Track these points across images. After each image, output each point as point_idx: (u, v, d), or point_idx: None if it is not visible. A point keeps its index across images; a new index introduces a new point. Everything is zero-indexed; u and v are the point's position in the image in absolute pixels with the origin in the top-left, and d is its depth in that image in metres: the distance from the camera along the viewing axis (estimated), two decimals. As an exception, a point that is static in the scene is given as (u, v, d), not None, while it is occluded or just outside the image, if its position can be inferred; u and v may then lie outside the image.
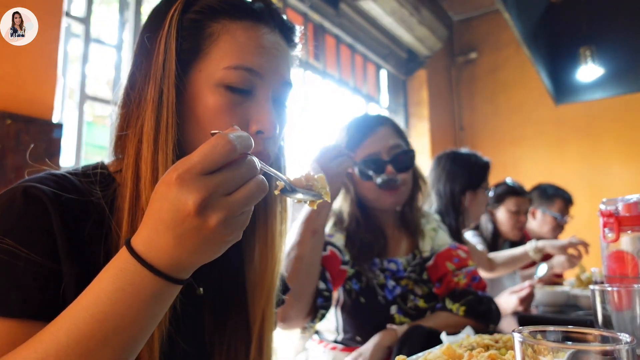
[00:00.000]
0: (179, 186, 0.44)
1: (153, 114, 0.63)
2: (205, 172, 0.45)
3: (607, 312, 0.72)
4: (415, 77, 4.61)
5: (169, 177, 0.45)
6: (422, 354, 0.78)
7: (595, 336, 0.44)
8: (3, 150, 1.47)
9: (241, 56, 0.65)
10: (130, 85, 0.69)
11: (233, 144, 0.46)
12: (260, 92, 0.68)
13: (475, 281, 1.33)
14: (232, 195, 0.47)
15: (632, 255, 0.87)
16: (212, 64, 0.66)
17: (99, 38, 2.23)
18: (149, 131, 0.63)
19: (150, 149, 0.62)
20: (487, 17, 4.89)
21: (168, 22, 0.65)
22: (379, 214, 1.36)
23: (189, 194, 0.44)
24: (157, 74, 0.64)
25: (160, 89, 0.64)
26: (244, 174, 0.48)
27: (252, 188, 0.48)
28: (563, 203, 2.82)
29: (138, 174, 0.63)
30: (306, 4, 3.36)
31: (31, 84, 1.61)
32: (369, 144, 1.30)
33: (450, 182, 1.98)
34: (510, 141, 4.76)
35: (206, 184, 0.45)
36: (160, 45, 0.65)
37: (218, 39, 0.66)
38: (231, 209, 0.46)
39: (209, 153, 0.45)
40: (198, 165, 0.45)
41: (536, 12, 3.78)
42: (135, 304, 0.47)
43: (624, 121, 4.29)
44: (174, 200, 0.45)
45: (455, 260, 1.35)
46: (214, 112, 0.65)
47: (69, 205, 0.61)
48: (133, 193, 0.63)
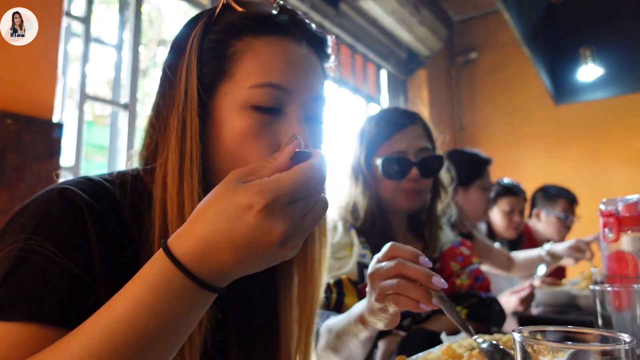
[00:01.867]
0: (265, 215, 0.42)
1: (177, 145, 0.61)
2: (293, 201, 0.44)
3: (607, 312, 0.72)
4: (415, 77, 4.62)
5: (250, 200, 0.43)
6: (422, 354, 0.79)
7: (595, 336, 0.44)
8: (3, 150, 1.47)
9: (266, 73, 0.61)
10: (155, 115, 0.67)
11: (324, 177, 0.45)
12: (290, 109, 0.63)
13: (478, 281, 1.30)
14: (304, 219, 0.46)
15: (632, 256, 0.87)
16: (237, 85, 0.62)
17: (99, 38, 2.23)
18: (173, 163, 0.61)
19: (175, 183, 0.60)
20: (487, 17, 4.89)
21: (188, 48, 0.63)
22: (391, 215, 1.31)
23: (274, 223, 0.43)
24: (179, 104, 0.62)
25: (183, 119, 0.61)
26: (316, 196, 0.47)
27: (319, 210, 0.47)
28: (567, 203, 2.79)
29: (165, 208, 0.61)
30: (306, 4, 3.36)
31: (31, 83, 1.61)
32: (397, 141, 1.24)
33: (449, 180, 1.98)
34: (510, 141, 4.76)
35: (291, 214, 0.44)
36: (182, 72, 0.63)
37: (242, 57, 0.62)
38: (304, 233, 0.46)
39: (303, 184, 0.43)
40: (289, 195, 0.43)
41: (536, 12, 3.78)
42: (177, 316, 0.46)
43: (624, 121, 4.29)
44: (256, 227, 0.43)
45: (460, 259, 1.32)
46: (242, 136, 0.61)
47: (104, 215, 0.59)
48: (162, 229, 0.61)
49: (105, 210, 0.60)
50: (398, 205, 1.26)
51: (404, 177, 1.22)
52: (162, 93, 0.67)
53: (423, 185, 1.25)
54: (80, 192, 0.58)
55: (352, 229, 1.27)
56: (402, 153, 1.23)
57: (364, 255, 1.22)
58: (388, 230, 1.29)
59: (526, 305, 1.73)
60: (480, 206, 1.99)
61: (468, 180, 1.96)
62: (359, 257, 1.21)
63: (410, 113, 1.34)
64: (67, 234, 0.56)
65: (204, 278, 0.45)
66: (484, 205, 2.00)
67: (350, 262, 1.20)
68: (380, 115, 1.33)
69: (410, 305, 0.71)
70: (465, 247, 1.36)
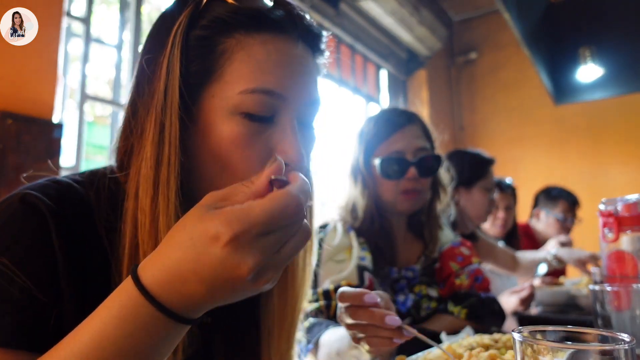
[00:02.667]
0: (233, 248, 0.38)
1: (153, 151, 0.54)
2: (266, 233, 0.39)
3: (606, 312, 0.72)
4: (415, 77, 4.62)
5: (217, 230, 0.38)
6: (422, 354, 0.79)
7: (594, 336, 0.44)
8: (4, 150, 1.47)
9: (259, 77, 0.55)
10: (131, 113, 0.59)
11: (302, 206, 0.40)
12: (283, 116, 0.57)
13: (478, 281, 1.30)
14: (281, 252, 0.41)
15: (632, 255, 0.87)
16: (226, 87, 0.55)
17: (99, 38, 2.23)
18: (147, 172, 0.54)
19: (149, 194, 0.54)
20: (487, 17, 4.89)
21: (171, 41, 0.56)
22: (391, 215, 1.31)
23: (243, 257, 0.39)
24: (157, 104, 0.55)
25: (161, 122, 0.54)
26: (295, 226, 0.42)
27: (298, 241, 0.43)
28: (567, 204, 2.78)
29: (136, 222, 0.55)
30: (306, 4, 3.36)
31: (32, 83, 1.61)
32: (395, 141, 1.24)
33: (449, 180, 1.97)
34: (509, 141, 4.77)
35: (263, 247, 0.39)
36: (162, 68, 0.55)
37: (232, 57, 0.55)
38: (279, 266, 0.42)
39: (277, 215, 0.39)
40: (260, 227, 0.39)
41: (536, 12, 3.78)
42: (145, 349, 0.42)
43: (623, 121, 4.29)
44: (223, 260, 0.39)
45: (459, 259, 1.32)
46: (230, 144, 0.55)
47: (71, 221, 0.54)
48: (132, 245, 0.55)
49: (72, 215, 0.55)
50: (398, 206, 1.26)
51: (402, 177, 1.22)
52: (138, 89, 0.59)
53: (422, 185, 1.25)
54: (45, 197, 0.53)
55: (352, 231, 1.27)
56: (400, 153, 1.23)
57: (363, 257, 1.22)
58: (387, 230, 1.29)
59: (526, 306, 1.73)
60: (482, 207, 1.97)
61: (470, 180, 1.95)
62: (359, 260, 1.21)
63: (409, 113, 1.34)
64: (28, 248, 0.51)
65: (173, 308, 0.41)
66: (486, 206, 1.98)
67: (349, 265, 1.19)
68: (379, 116, 1.33)
69: (384, 343, 0.72)
70: (465, 247, 1.36)
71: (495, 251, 2.06)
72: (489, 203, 1.98)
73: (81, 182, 0.60)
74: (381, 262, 1.23)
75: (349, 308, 0.74)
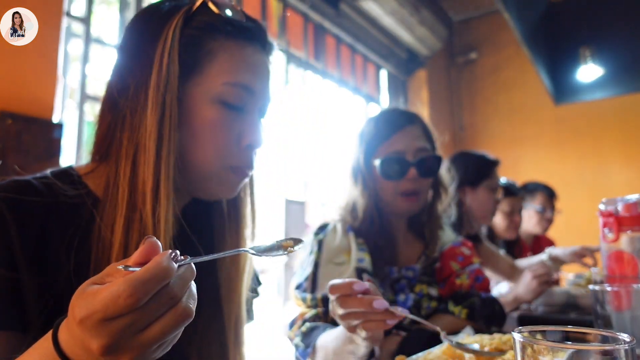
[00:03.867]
0: (82, 329, 0.41)
1: (155, 123, 0.63)
2: (108, 318, 0.40)
3: (606, 312, 0.72)
4: (415, 77, 4.62)
5: (73, 310, 0.42)
6: (422, 354, 0.79)
7: (595, 336, 0.44)
8: (4, 150, 1.47)
9: (238, 74, 0.69)
10: (120, 89, 0.67)
11: (137, 295, 0.40)
12: (250, 108, 0.72)
13: (478, 281, 1.30)
14: (144, 333, 0.42)
15: (632, 256, 0.87)
16: (209, 79, 0.68)
17: (99, 38, 2.23)
18: (149, 142, 0.63)
19: (152, 158, 0.63)
20: (487, 17, 4.89)
21: (171, 34, 0.66)
22: (391, 215, 1.31)
23: (91, 338, 0.41)
24: (159, 85, 0.64)
25: (162, 100, 0.64)
26: (160, 308, 0.42)
27: (168, 321, 0.43)
28: (544, 196, 2.87)
29: (134, 180, 0.63)
30: (306, 4, 3.36)
31: (32, 83, 1.61)
32: (395, 141, 1.24)
33: (449, 180, 1.98)
34: (510, 141, 4.77)
35: (110, 330, 0.41)
36: (164, 56, 0.65)
37: (216, 55, 0.68)
38: (143, 346, 0.43)
39: (110, 304, 0.40)
40: (99, 314, 0.40)
41: (536, 12, 3.78)
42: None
43: (623, 121, 4.29)
44: (80, 340, 0.42)
45: (460, 259, 1.32)
46: (210, 126, 0.68)
47: (28, 211, 0.61)
48: (129, 198, 0.63)
49: (30, 205, 0.62)
50: (398, 207, 1.26)
51: (403, 177, 1.22)
52: (130, 68, 0.68)
53: (422, 185, 1.24)
54: (1, 193, 0.61)
55: (351, 232, 1.26)
56: (400, 153, 1.23)
57: (362, 259, 1.21)
58: (387, 230, 1.29)
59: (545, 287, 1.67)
60: (488, 207, 1.97)
61: (476, 180, 1.95)
62: (357, 262, 1.20)
63: (409, 114, 1.33)
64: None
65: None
66: (492, 206, 1.98)
67: (349, 268, 1.19)
68: (379, 116, 1.32)
69: (379, 326, 0.75)
70: (465, 247, 1.36)
71: (496, 257, 2.07)
72: (494, 203, 1.98)
73: (40, 177, 0.68)
74: (381, 262, 1.23)
75: (339, 298, 0.76)
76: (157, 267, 0.41)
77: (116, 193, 0.64)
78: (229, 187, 0.73)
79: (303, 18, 3.46)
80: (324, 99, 3.60)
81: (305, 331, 1.07)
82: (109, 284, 0.41)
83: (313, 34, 3.59)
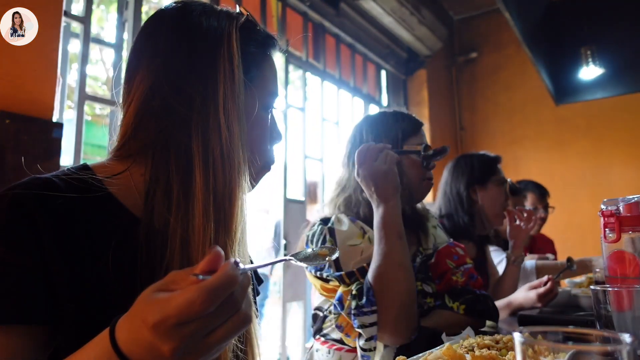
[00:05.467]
0: (153, 333, 0.44)
1: (235, 135, 0.69)
2: (181, 323, 0.43)
3: (608, 313, 0.72)
4: (416, 77, 4.61)
5: (144, 316, 0.44)
6: (422, 355, 0.78)
7: (596, 336, 0.44)
8: (2, 150, 1.47)
9: (275, 85, 0.82)
10: (177, 99, 0.69)
11: (210, 302, 0.44)
12: (274, 111, 0.84)
13: (472, 279, 1.34)
14: (210, 337, 0.46)
15: (633, 256, 0.87)
16: (261, 89, 0.78)
17: (98, 37, 2.23)
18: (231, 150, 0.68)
19: (235, 164, 0.69)
20: (488, 16, 4.89)
21: (234, 45, 0.72)
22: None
23: (163, 343, 0.44)
24: (228, 85, 0.70)
25: (238, 105, 0.70)
26: (225, 313, 0.46)
27: (231, 326, 0.47)
28: (535, 196, 2.88)
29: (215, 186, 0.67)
30: (306, 4, 3.36)
31: (30, 83, 1.61)
32: (421, 136, 1.37)
33: (454, 182, 1.97)
34: (510, 141, 4.76)
35: (181, 334, 0.44)
36: (225, 61, 0.71)
37: (261, 68, 0.79)
38: (209, 349, 0.46)
39: (184, 310, 0.43)
40: (173, 319, 0.43)
41: (537, 11, 3.78)
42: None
43: (624, 121, 4.29)
44: (150, 340, 0.44)
45: (455, 258, 1.36)
46: (262, 133, 0.79)
47: (54, 206, 0.62)
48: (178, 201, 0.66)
49: (55, 201, 0.63)
50: (422, 192, 1.37)
51: (431, 167, 1.35)
52: (188, 82, 0.69)
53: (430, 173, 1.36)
54: (27, 191, 0.62)
55: (357, 220, 1.30)
56: (427, 145, 1.35)
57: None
58: None
59: (546, 302, 1.68)
60: (500, 202, 1.96)
61: (484, 177, 1.95)
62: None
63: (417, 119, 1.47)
64: (15, 233, 0.59)
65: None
66: (503, 200, 1.97)
67: (368, 247, 1.22)
68: (397, 115, 1.40)
69: None
70: (459, 248, 1.41)
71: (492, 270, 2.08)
72: (506, 197, 1.98)
73: (59, 174, 0.68)
74: None
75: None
76: (227, 275, 0.45)
77: (181, 198, 0.66)
78: (257, 182, 0.81)
79: (303, 17, 3.45)
80: (323, 99, 3.60)
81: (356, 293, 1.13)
82: (183, 291, 0.44)
83: (313, 34, 3.59)
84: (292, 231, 3.01)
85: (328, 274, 1.20)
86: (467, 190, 1.94)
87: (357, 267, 1.19)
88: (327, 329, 1.32)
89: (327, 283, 1.21)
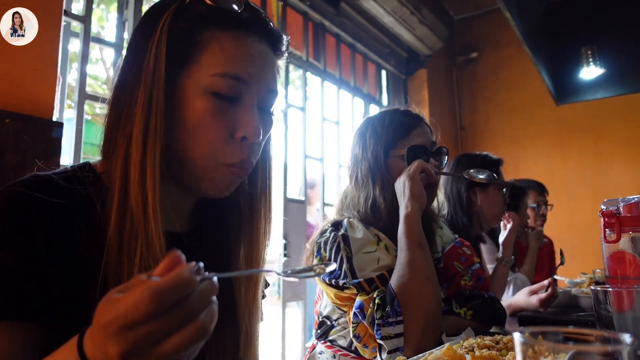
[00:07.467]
0: (103, 334, 0.43)
1: (142, 117, 0.65)
2: (128, 326, 0.42)
3: (608, 313, 0.72)
4: (416, 77, 4.61)
5: (97, 317, 0.43)
6: (422, 355, 0.78)
7: (596, 337, 0.44)
8: (2, 150, 1.47)
9: (228, 64, 0.68)
10: (120, 86, 0.71)
11: (157, 303, 0.41)
12: (246, 99, 0.70)
13: (480, 282, 1.32)
14: (161, 345, 0.43)
15: (634, 256, 0.86)
16: (200, 70, 0.67)
17: (98, 37, 2.23)
18: (137, 134, 0.65)
19: (139, 151, 0.64)
20: (488, 16, 4.88)
21: (160, 28, 0.67)
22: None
23: (111, 344, 0.43)
24: (147, 79, 0.66)
25: (150, 94, 0.65)
26: (178, 321, 0.43)
27: (185, 336, 0.44)
28: (536, 193, 2.93)
29: (127, 175, 0.64)
30: (306, 3, 3.36)
31: (30, 82, 1.61)
32: (415, 136, 1.30)
33: (455, 183, 1.98)
34: (511, 141, 4.76)
35: (129, 337, 0.42)
36: (152, 50, 0.67)
37: (207, 46, 0.68)
38: (159, 358, 0.44)
39: (131, 310, 0.41)
40: (120, 320, 0.41)
41: (537, 11, 3.77)
42: None
43: (625, 121, 4.28)
44: (101, 343, 0.44)
45: (462, 259, 1.33)
46: (201, 117, 0.67)
47: (52, 206, 0.63)
48: (121, 192, 0.64)
49: (52, 201, 0.63)
50: (429, 201, 1.28)
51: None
52: (130, 65, 0.70)
53: (437, 178, 1.27)
54: (25, 189, 0.62)
55: (371, 227, 1.25)
56: (421, 146, 1.28)
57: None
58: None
59: (547, 307, 1.68)
60: (499, 205, 1.98)
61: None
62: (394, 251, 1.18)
63: (417, 114, 1.40)
64: (9, 232, 0.59)
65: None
66: (502, 204, 1.99)
67: (386, 255, 1.18)
68: (393, 115, 1.35)
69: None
70: (465, 247, 1.37)
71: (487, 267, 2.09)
72: (505, 201, 2.00)
73: (59, 173, 0.69)
74: None
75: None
76: (177, 277, 0.42)
77: (114, 188, 0.65)
78: (222, 185, 0.72)
79: (303, 17, 3.45)
80: (323, 99, 3.60)
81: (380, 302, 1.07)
82: (131, 292, 0.42)
83: (313, 33, 3.58)
84: (292, 231, 3.01)
85: (345, 281, 1.13)
86: (467, 191, 1.95)
87: (377, 274, 1.13)
88: (333, 336, 1.28)
89: (342, 291, 1.15)
